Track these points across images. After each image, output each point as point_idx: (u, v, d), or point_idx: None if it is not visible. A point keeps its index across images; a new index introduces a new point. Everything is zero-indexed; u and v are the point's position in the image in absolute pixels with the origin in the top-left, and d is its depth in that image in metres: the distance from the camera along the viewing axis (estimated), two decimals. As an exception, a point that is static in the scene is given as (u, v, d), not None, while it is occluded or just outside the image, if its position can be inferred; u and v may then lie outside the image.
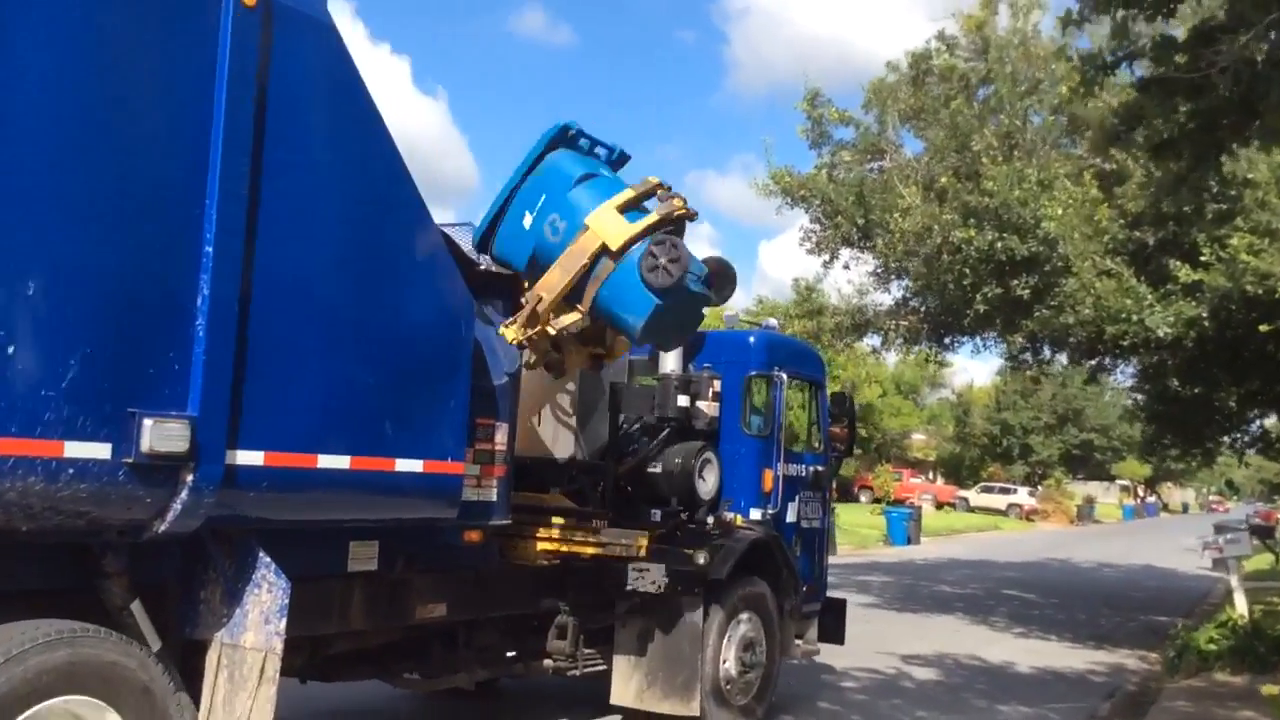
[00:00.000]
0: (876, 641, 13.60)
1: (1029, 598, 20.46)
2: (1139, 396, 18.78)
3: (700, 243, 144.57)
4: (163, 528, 4.93)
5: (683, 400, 8.63)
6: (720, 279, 7.29)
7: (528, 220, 6.88)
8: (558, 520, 8.08)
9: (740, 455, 9.04)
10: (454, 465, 6.26)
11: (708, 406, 8.77)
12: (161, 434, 4.73)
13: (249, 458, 5.12)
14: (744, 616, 8.67)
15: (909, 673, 11.93)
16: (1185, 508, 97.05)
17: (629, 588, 8.15)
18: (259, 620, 5.29)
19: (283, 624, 5.25)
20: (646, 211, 6.88)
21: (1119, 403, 50.47)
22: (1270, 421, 17.82)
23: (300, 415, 5.42)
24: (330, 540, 6.25)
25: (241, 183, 5.06)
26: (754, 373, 9.21)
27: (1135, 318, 11.33)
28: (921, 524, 36.02)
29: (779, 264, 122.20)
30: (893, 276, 16.84)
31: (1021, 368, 19.44)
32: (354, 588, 6.54)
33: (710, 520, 8.62)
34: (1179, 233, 11.82)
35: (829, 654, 11.55)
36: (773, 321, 9.98)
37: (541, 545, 7.96)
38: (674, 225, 7.01)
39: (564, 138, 6.98)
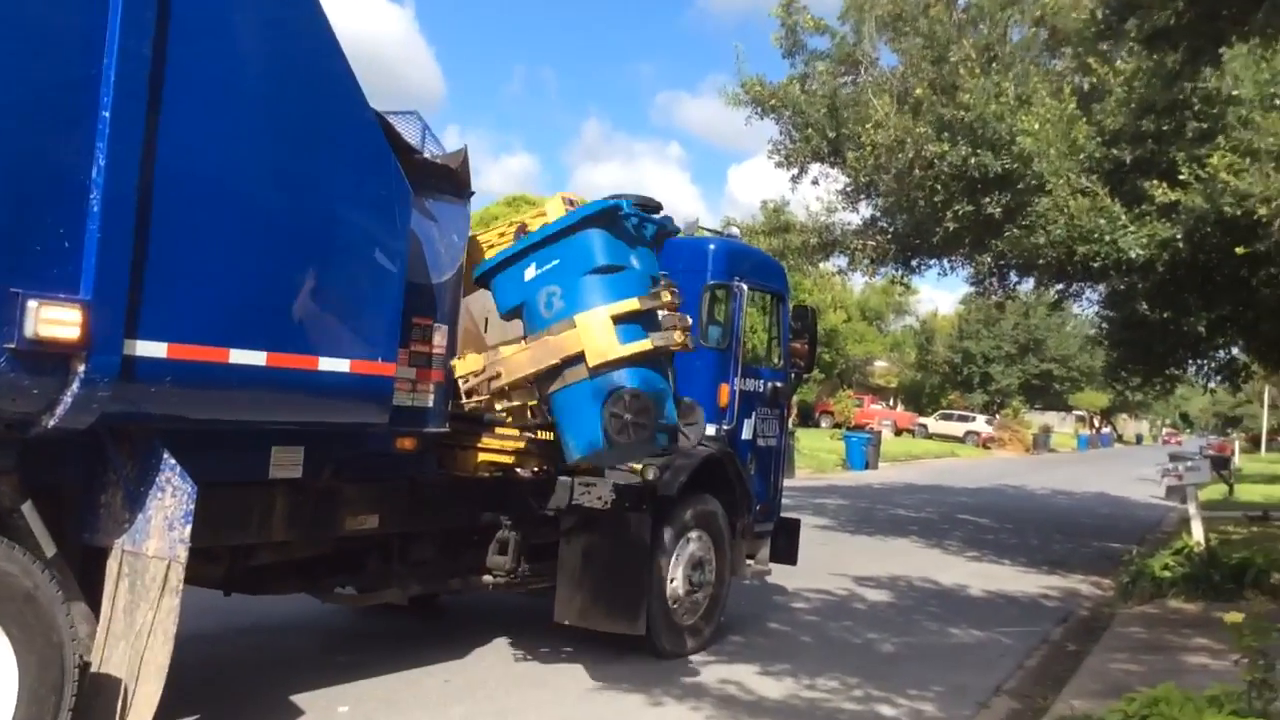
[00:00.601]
0: (830, 563, 13.40)
1: (983, 522, 20.41)
2: (1104, 324, 18.51)
3: (669, 165, 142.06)
4: (53, 423, 4.50)
5: (636, 310, 8.20)
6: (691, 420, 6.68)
7: (530, 273, 6.24)
8: (501, 431, 7.69)
9: (696, 368, 8.64)
10: (385, 366, 5.85)
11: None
12: (49, 318, 4.30)
13: (150, 349, 4.68)
14: (694, 535, 8.35)
15: (861, 594, 11.73)
16: (1139, 439, 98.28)
17: (574, 502, 7.82)
18: (162, 526, 4.89)
19: (187, 531, 4.86)
20: (644, 330, 6.14)
21: (1080, 333, 50.65)
22: (1238, 350, 17.65)
23: (210, 305, 4.97)
24: (249, 444, 5.84)
25: (144, 40, 4.57)
26: (713, 282, 8.79)
27: (1108, 238, 10.97)
28: (880, 449, 36.03)
29: (748, 188, 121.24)
30: (862, 195, 16.41)
31: (987, 293, 19.19)
32: (276, 496, 6.15)
33: (662, 434, 8.25)
34: (1157, 151, 11.43)
35: (781, 575, 11.30)
36: (735, 230, 9.55)
37: (482, 456, 7.60)
38: (666, 356, 6.41)
39: (609, 217, 6.21)
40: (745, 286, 8.90)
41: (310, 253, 5.39)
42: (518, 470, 7.73)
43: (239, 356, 5.06)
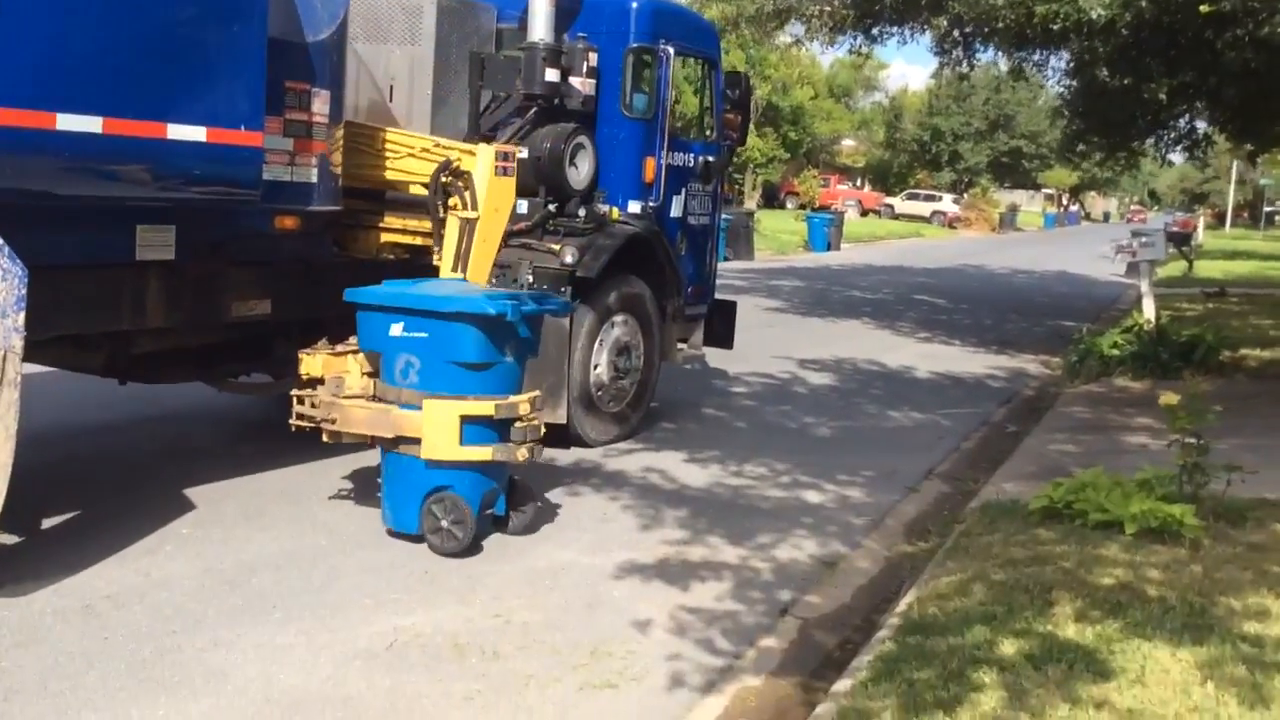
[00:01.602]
0: (776, 346, 13.13)
1: (938, 303, 20.19)
2: (1066, 94, 17.73)
3: None
4: None
5: (552, 74, 7.57)
6: (522, 497, 6.03)
7: (396, 331, 5.57)
8: (406, 209, 7.16)
9: (619, 140, 8.06)
10: (249, 135, 5.27)
11: (581, 83, 7.73)
12: None
13: (-49, 114, 4.09)
14: (618, 319, 7.96)
15: (803, 378, 11.48)
16: (1106, 217, 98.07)
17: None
18: (-7, 315, 4.40)
19: (21, 318, 4.40)
20: (493, 434, 5.55)
21: (1050, 107, 49.54)
22: (1201, 123, 17.03)
23: (25, 62, 4.36)
24: (108, 223, 5.31)
25: None
26: (636, 45, 8.07)
27: (1068, -4, 10.26)
28: (843, 230, 35.57)
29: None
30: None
31: (951, 64, 18.42)
32: (149, 279, 5.67)
33: (582, 213, 7.76)
34: (1123, -102, 10.57)
35: (721, 359, 11.05)
36: (665, -12, 8.72)
37: (385, 237, 7.11)
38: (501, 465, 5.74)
39: (492, 323, 5.46)
40: (672, 50, 8.19)
41: (145, 3, 4.72)
42: (425, 252, 7.23)
43: (68, 122, 4.47)
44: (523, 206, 7.69)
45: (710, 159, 8.84)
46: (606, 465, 7.55)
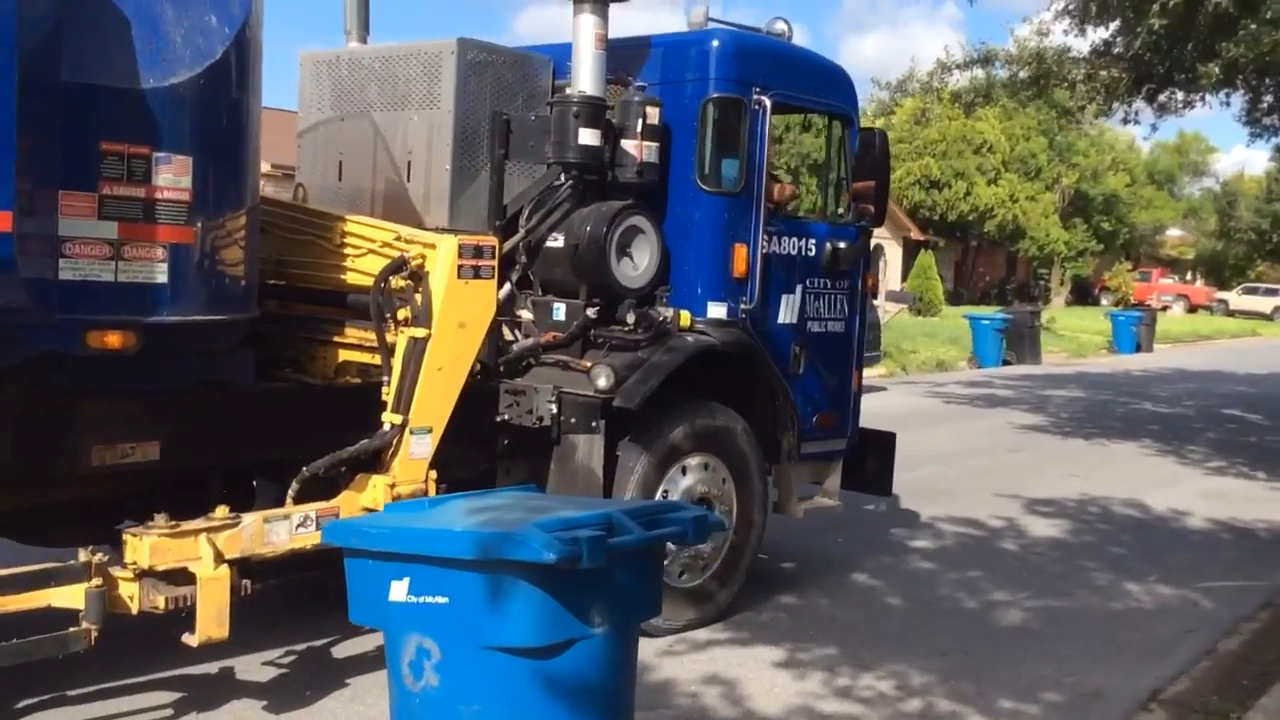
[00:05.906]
0: (1006, 478, 10.46)
1: (1251, 420, 16.42)
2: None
3: (941, 27, 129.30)
4: None
5: (588, 136, 5.66)
6: None
7: (398, 593, 3.21)
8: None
9: (695, 222, 6.00)
10: (-14, 217, 3.63)
11: (637, 147, 5.77)
12: None
13: None
14: (692, 462, 5.83)
15: (1022, 527, 8.76)
16: None
17: (499, 418, 5.50)
18: None
19: None
20: None
21: None
22: None
23: None
24: None
25: None
26: (717, 94, 5.98)
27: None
28: (1155, 329, 31.34)
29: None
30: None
31: (1264, 132, 15.46)
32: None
33: (631, 319, 5.74)
34: None
35: (915, 499, 8.71)
36: (782, 27, 6.60)
37: (345, 355, 5.37)
38: None
39: (564, 571, 3.05)
40: (768, 101, 6.06)
41: None
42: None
43: None
44: (560, 312, 5.80)
45: (842, 245, 6.57)
46: (658, 668, 5.38)
